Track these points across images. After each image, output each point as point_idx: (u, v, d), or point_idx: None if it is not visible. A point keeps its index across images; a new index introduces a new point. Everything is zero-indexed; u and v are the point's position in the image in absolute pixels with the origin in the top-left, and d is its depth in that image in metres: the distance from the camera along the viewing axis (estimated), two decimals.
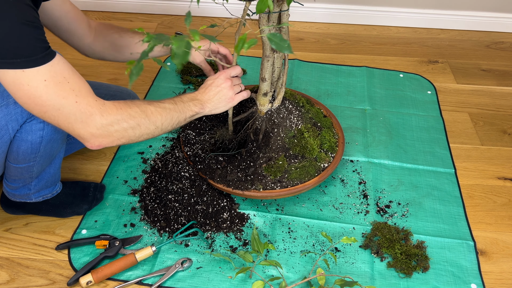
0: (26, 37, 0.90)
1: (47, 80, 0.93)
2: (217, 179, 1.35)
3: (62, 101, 0.95)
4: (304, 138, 1.40)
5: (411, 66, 2.05)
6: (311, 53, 2.11)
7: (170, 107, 1.14)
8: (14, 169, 1.20)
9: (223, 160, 1.39)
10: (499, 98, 1.89)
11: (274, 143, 1.39)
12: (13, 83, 0.92)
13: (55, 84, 0.94)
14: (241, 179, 1.34)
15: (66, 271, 1.24)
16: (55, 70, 0.94)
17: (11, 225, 1.34)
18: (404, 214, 1.40)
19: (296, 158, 1.38)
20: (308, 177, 1.36)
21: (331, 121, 1.53)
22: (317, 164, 1.38)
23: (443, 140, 1.67)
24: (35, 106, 0.96)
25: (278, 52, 1.28)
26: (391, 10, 2.29)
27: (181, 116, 1.17)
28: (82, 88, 0.98)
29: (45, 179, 1.28)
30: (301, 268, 1.26)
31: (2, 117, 1.06)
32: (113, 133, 1.03)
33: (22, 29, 0.89)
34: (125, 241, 1.28)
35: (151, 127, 1.10)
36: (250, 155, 1.38)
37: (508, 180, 1.54)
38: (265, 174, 1.35)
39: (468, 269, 1.27)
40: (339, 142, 1.47)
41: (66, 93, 0.95)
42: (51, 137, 1.16)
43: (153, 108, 1.10)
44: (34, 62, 0.91)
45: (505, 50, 2.19)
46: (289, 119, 1.43)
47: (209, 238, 1.31)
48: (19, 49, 0.89)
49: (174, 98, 1.19)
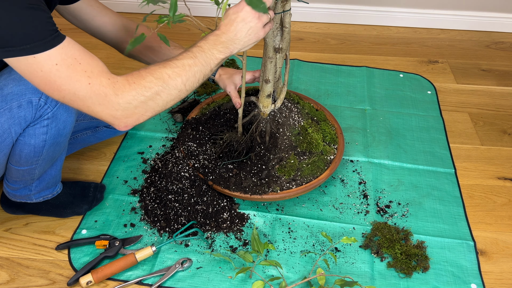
0: (32, 21, 0.88)
1: (58, 63, 0.91)
2: (232, 188, 1.33)
3: (76, 84, 0.93)
4: (308, 134, 1.42)
5: (411, 66, 2.05)
6: (311, 53, 2.11)
7: (190, 63, 1.02)
8: (15, 171, 1.20)
9: (234, 168, 1.38)
10: (499, 98, 1.89)
11: (281, 143, 1.40)
12: (27, 71, 0.91)
13: (66, 67, 0.91)
14: (257, 184, 1.34)
15: (66, 271, 1.24)
16: (65, 52, 0.91)
17: (11, 225, 1.34)
18: (404, 214, 1.40)
19: (304, 154, 1.40)
20: (319, 172, 1.38)
21: (324, 113, 1.56)
22: (324, 158, 1.41)
23: (443, 140, 1.67)
24: (53, 92, 0.94)
25: (280, 52, 1.28)
26: (391, 10, 2.29)
27: (205, 69, 1.04)
28: (94, 68, 0.94)
29: (46, 181, 1.28)
30: (301, 268, 1.26)
31: (5, 121, 1.06)
32: (134, 110, 0.98)
33: (27, 13, 0.87)
34: (125, 241, 1.28)
35: (174, 92, 1.01)
36: (260, 158, 1.38)
37: (508, 180, 1.54)
38: (278, 175, 1.36)
39: (468, 269, 1.27)
40: (338, 133, 1.50)
41: (78, 75, 0.92)
42: (54, 141, 1.16)
43: (170, 71, 1.00)
44: (43, 46, 0.89)
45: (505, 50, 2.19)
46: (291, 117, 1.44)
47: (209, 238, 1.31)
48: (28, 34, 0.87)
49: (192, 49, 1.04)
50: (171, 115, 1.71)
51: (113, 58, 1.99)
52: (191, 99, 1.77)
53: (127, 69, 1.94)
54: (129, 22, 1.38)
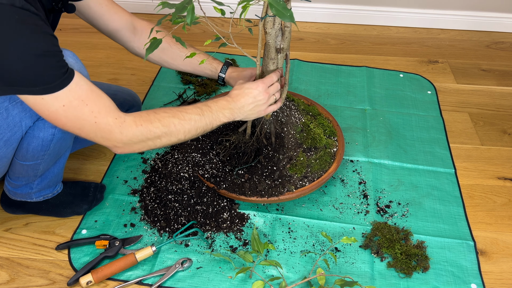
0: (44, 67, 0.91)
1: (66, 105, 0.95)
2: (248, 193, 1.33)
3: (81, 122, 0.98)
4: (311, 130, 1.44)
5: (411, 66, 2.05)
6: (311, 53, 2.11)
7: (196, 119, 1.12)
8: (20, 166, 1.20)
9: (245, 173, 1.38)
10: (499, 98, 1.89)
11: (288, 142, 1.41)
12: (34, 107, 0.96)
13: (73, 108, 0.96)
14: (271, 186, 1.34)
15: (66, 271, 1.24)
16: (72, 94, 0.95)
17: (11, 225, 1.34)
18: (404, 214, 1.40)
19: (310, 150, 1.42)
20: (328, 165, 1.40)
21: (316, 108, 1.58)
22: (328, 151, 1.43)
23: (443, 140, 1.67)
24: (58, 125, 1.00)
25: (281, 52, 1.28)
26: (391, 10, 2.29)
27: (207, 126, 1.15)
28: (101, 108, 0.99)
29: (48, 178, 1.28)
30: (301, 268, 1.26)
31: (16, 114, 1.07)
32: (133, 145, 1.06)
33: (39, 61, 0.91)
34: (125, 241, 1.28)
35: (174, 139, 1.11)
36: (270, 159, 1.38)
37: (508, 180, 1.54)
38: (290, 174, 1.36)
39: (468, 269, 1.27)
40: (334, 125, 1.53)
41: (84, 115, 0.98)
42: (62, 135, 1.17)
43: (177, 121, 1.09)
44: (51, 89, 0.93)
45: (505, 50, 2.19)
46: (292, 115, 1.45)
47: (209, 238, 1.31)
48: (37, 79, 0.92)
49: (201, 107, 1.14)
50: None
51: (113, 58, 1.99)
52: (191, 99, 1.77)
53: (127, 69, 1.94)
54: (139, 22, 1.37)
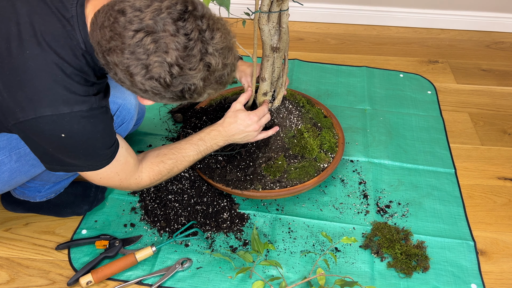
0: (101, 157, 1.03)
1: (102, 177, 1.09)
2: (216, 179, 1.35)
3: (109, 183, 1.13)
4: (304, 138, 1.40)
5: (411, 66, 2.05)
6: (311, 53, 2.11)
7: (193, 155, 1.25)
8: (46, 173, 1.20)
9: (222, 160, 1.39)
10: (499, 98, 1.89)
11: (273, 143, 1.39)
12: None
13: (107, 179, 1.10)
14: (240, 179, 1.34)
15: (66, 271, 1.24)
16: (110, 170, 1.07)
17: (11, 225, 1.34)
18: (404, 214, 1.40)
19: (295, 158, 1.38)
20: (307, 177, 1.36)
21: (332, 121, 1.53)
22: (316, 164, 1.38)
23: (443, 140, 1.67)
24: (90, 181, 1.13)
25: (278, 52, 1.28)
26: (391, 10, 2.29)
27: (204, 154, 1.29)
28: (128, 174, 1.13)
29: (61, 185, 1.30)
30: (301, 268, 1.26)
31: None
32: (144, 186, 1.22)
33: (100, 153, 1.02)
34: (125, 241, 1.28)
35: (171, 175, 1.25)
36: (250, 154, 1.38)
37: (508, 180, 1.54)
38: (264, 174, 1.35)
39: (468, 269, 1.27)
40: (339, 143, 1.46)
41: (114, 181, 1.12)
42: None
43: (179, 164, 1.23)
44: (95, 169, 1.05)
45: (505, 50, 2.19)
46: (289, 119, 1.43)
47: (209, 238, 1.31)
48: (90, 164, 1.04)
49: (197, 142, 1.25)
50: (171, 115, 1.71)
51: None
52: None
53: None
54: None
